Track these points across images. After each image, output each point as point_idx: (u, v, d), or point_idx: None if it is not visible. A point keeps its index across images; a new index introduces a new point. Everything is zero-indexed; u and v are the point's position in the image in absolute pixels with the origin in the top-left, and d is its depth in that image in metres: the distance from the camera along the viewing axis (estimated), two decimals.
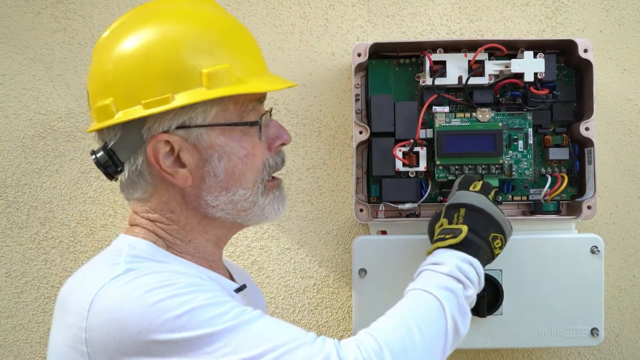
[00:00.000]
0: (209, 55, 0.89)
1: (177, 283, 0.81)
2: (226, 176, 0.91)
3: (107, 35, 0.93)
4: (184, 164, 0.90)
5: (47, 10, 1.42)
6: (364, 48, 1.29)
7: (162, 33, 0.89)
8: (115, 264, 0.86)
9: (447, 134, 1.27)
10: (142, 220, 0.94)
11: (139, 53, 0.88)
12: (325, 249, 1.42)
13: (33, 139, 1.42)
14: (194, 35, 0.90)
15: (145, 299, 0.78)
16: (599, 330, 1.26)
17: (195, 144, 0.90)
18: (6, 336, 1.42)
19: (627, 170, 1.41)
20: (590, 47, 1.27)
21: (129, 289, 0.80)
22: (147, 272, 0.83)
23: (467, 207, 1.06)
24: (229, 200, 0.92)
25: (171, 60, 0.88)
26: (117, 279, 0.82)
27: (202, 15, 0.93)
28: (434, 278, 0.97)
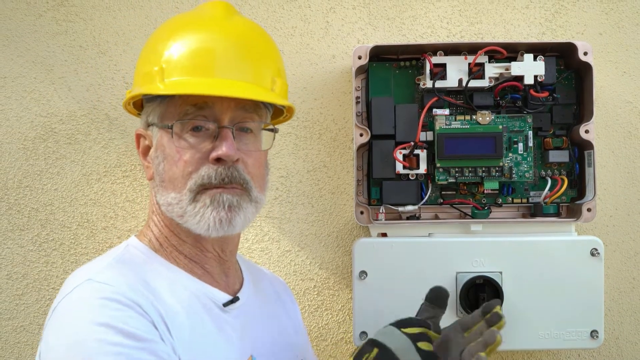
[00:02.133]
0: (152, 56, 0.95)
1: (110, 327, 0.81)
2: (165, 177, 0.93)
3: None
4: (148, 160, 0.97)
5: (48, 13, 1.42)
6: (365, 51, 1.29)
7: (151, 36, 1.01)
8: (92, 268, 0.91)
9: (447, 136, 1.27)
10: (152, 215, 0.99)
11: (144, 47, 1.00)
12: (325, 251, 1.42)
13: (34, 141, 1.42)
14: (159, 37, 0.98)
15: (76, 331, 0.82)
16: (599, 332, 1.26)
17: (156, 142, 0.96)
18: (7, 338, 1.42)
19: (626, 172, 1.41)
20: (590, 49, 1.27)
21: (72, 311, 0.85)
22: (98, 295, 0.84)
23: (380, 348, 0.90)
24: (167, 202, 0.93)
25: (141, 59, 0.98)
26: (75, 289, 0.86)
27: (176, 19, 1.02)
28: None
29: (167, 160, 0.93)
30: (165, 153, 0.93)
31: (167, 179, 0.93)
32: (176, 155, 0.92)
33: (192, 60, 0.92)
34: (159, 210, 0.96)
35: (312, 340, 1.42)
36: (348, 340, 1.42)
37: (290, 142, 1.42)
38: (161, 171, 0.93)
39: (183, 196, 0.91)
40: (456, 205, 1.34)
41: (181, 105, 0.92)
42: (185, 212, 0.91)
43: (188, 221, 0.92)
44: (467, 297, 1.25)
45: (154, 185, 0.96)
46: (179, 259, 0.96)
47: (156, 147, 0.95)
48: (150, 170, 0.96)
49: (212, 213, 0.90)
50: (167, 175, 0.93)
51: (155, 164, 0.94)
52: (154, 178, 0.95)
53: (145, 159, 0.98)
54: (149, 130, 0.97)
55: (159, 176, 0.94)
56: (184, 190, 0.91)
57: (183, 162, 0.91)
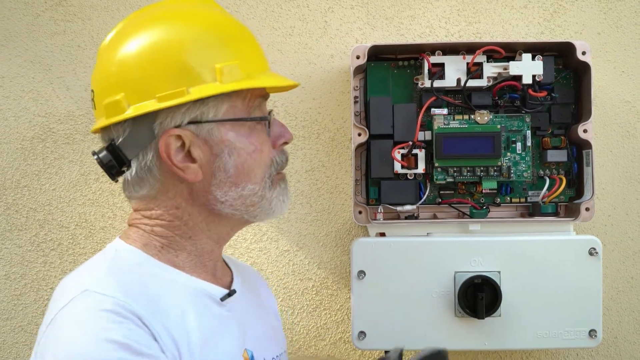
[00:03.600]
0: (219, 51, 0.91)
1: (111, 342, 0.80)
2: (236, 171, 0.92)
3: (113, 35, 0.94)
4: (195, 159, 0.90)
5: (46, 13, 1.42)
6: (363, 50, 1.29)
7: (173, 30, 0.91)
8: (86, 277, 0.89)
9: (445, 136, 1.27)
10: (141, 219, 0.94)
11: (150, 48, 0.90)
12: (324, 250, 1.42)
13: (32, 141, 1.42)
14: (203, 32, 0.92)
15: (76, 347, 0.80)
16: (597, 331, 1.26)
17: (207, 139, 0.90)
18: (5, 338, 1.42)
19: (625, 172, 1.41)
20: (588, 49, 1.27)
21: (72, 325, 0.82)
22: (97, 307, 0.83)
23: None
24: (238, 196, 0.93)
25: (185, 54, 0.89)
26: (72, 301, 0.84)
27: (208, 15, 0.96)
28: None
29: (238, 153, 0.91)
30: (235, 147, 0.91)
31: (240, 172, 0.92)
32: (251, 147, 0.92)
33: (258, 57, 0.96)
34: (188, 211, 0.93)
35: (310, 340, 1.42)
36: (346, 340, 1.42)
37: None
38: (229, 166, 0.91)
39: (263, 183, 0.94)
40: (454, 205, 1.34)
41: (251, 99, 0.93)
42: (263, 198, 0.94)
43: (261, 207, 0.95)
44: (466, 296, 1.25)
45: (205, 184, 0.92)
46: (187, 251, 0.95)
47: (214, 144, 0.90)
48: (199, 171, 0.91)
49: (287, 193, 0.99)
50: (240, 169, 0.92)
51: (220, 160, 0.91)
52: (213, 176, 0.91)
53: (182, 161, 0.90)
54: (186, 129, 0.89)
55: (226, 172, 0.91)
56: (265, 178, 0.94)
57: (262, 153, 0.94)
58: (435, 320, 1.26)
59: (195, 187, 0.92)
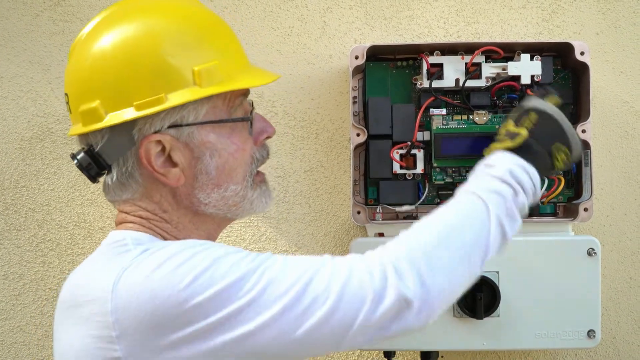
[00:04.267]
0: (197, 52, 0.87)
1: (195, 244, 0.83)
2: (217, 173, 0.91)
3: (87, 33, 0.90)
4: (176, 164, 0.89)
5: (45, 13, 1.42)
6: (362, 50, 1.29)
7: (147, 30, 0.87)
8: (126, 251, 0.85)
9: (444, 136, 1.27)
10: (134, 217, 0.92)
11: (124, 52, 0.86)
12: (322, 251, 1.42)
13: (31, 141, 1.42)
14: (180, 31, 0.88)
15: (169, 265, 0.79)
16: (596, 332, 1.26)
17: (187, 142, 0.88)
18: (4, 338, 1.42)
19: (623, 172, 1.41)
20: (586, 49, 1.28)
21: (150, 262, 0.80)
22: (164, 245, 0.84)
23: (538, 113, 1.00)
24: (220, 197, 0.92)
25: (161, 57, 0.86)
26: (136, 259, 0.81)
27: (184, 10, 0.91)
28: (483, 180, 0.94)
29: (220, 154, 0.90)
30: (217, 148, 0.90)
31: (222, 173, 0.91)
32: (233, 147, 0.91)
33: (237, 54, 0.94)
34: (176, 213, 0.92)
35: None
36: None
37: (287, 142, 1.42)
38: (211, 168, 0.90)
39: (245, 183, 0.94)
40: None
41: (231, 98, 0.92)
42: (245, 198, 0.94)
43: (243, 207, 0.94)
44: (464, 297, 1.25)
45: (187, 187, 0.90)
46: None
47: (195, 146, 0.89)
48: (180, 175, 0.89)
49: (268, 196, 0.98)
50: (222, 170, 0.91)
51: (202, 163, 0.89)
52: (195, 179, 0.90)
53: (163, 166, 0.88)
54: (167, 133, 0.87)
55: (208, 175, 0.90)
56: (246, 177, 0.94)
57: (244, 152, 0.93)
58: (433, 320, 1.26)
59: (179, 190, 0.91)
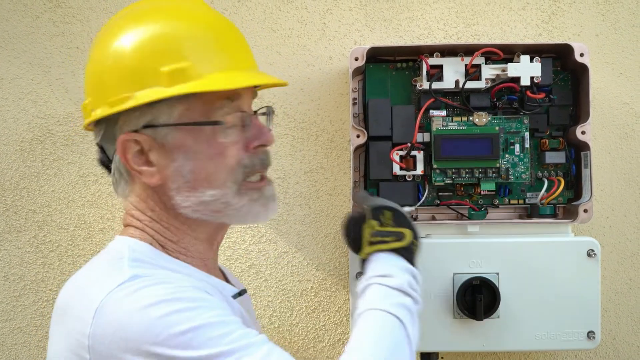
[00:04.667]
0: (167, 54, 0.88)
1: (184, 298, 0.81)
2: (193, 176, 0.89)
3: (94, 38, 0.97)
4: (152, 163, 0.90)
5: (45, 15, 1.42)
6: (362, 52, 1.29)
7: (122, 34, 0.90)
8: (119, 268, 0.85)
9: (444, 137, 1.28)
10: (134, 220, 0.93)
11: (105, 54, 0.91)
12: (322, 252, 1.42)
13: (31, 142, 1.42)
14: (153, 34, 0.89)
15: (151, 312, 0.78)
16: (596, 333, 1.27)
17: (164, 143, 0.89)
18: (4, 340, 1.42)
19: (623, 173, 1.41)
20: (586, 51, 1.28)
21: (135, 299, 0.79)
22: (153, 281, 0.82)
23: (392, 211, 1.01)
24: (199, 201, 0.90)
25: (130, 59, 0.89)
26: (122, 286, 0.81)
27: (165, 13, 0.92)
28: (387, 295, 0.91)
29: (196, 158, 0.89)
30: (193, 151, 0.89)
31: (199, 178, 0.89)
32: (212, 151, 0.89)
33: (222, 54, 0.91)
34: (165, 215, 0.92)
35: (309, 342, 1.43)
36: (345, 341, 1.42)
37: (287, 143, 1.42)
38: (187, 172, 0.89)
39: (227, 190, 0.90)
40: (453, 207, 1.35)
41: (212, 100, 0.89)
42: (228, 206, 0.90)
43: (229, 215, 0.91)
44: (464, 298, 1.25)
45: (166, 189, 0.91)
46: (183, 254, 0.93)
47: (172, 148, 0.89)
48: (154, 175, 0.90)
49: (262, 206, 0.93)
50: (199, 174, 0.89)
51: (175, 165, 0.89)
52: (170, 181, 0.90)
53: (140, 164, 0.90)
54: (143, 133, 0.89)
55: (183, 177, 0.89)
56: (228, 183, 0.90)
57: (225, 157, 0.90)
58: (433, 322, 1.26)
59: (161, 190, 0.91)
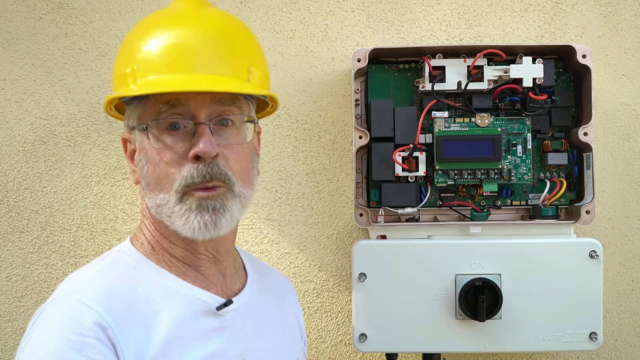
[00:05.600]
0: (128, 57, 0.93)
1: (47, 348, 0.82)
2: (151, 179, 0.91)
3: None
4: (134, 164, 0.96)
5: (48, 16, 1.42)
6: (364, 53, 1.29)
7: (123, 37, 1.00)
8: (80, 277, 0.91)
9: (446, 139, 1.28)
10: (142, 218, 0.99)
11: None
12: (325, 253, 1.42)
13: (34, 143, 1.42)
14: (130, 38, 0.96)
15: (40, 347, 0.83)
16: (598, 334, 1.27)
17: (139, 145, 0.94)
18: (7, 340, 1.43)
19: (625, 175, 1.41)
20: (588, 52, 1.28)
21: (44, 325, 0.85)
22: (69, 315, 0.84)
23: None
24: (156, 204, 0.91)
25: (115, 60, 0.97)
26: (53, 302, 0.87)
27: (154, 18, 0.99)
28: None
29: (150, 162, 0.91)
30: (148, 155, 0.91)
31: (152, 181, 0.91)
32: (157, 157, 0.90)
33: (162, 58, 0.90)
34: (149, 214, 0.95)
35: (311, 343, 1.42)
36: (347, 342, 1.43)
37: (290, 144, 1.42)
38: (146, 174, 0.92)
39: (170, 197, 0.89)
40: (455, 208, 1.35)
41: (154, 104, 0.90)
42: (173, 212, 0.90)
43: (175, 222, 0.90)
44: (466, 299, 1.25)
45: (141, 188, 0.95)
46: (171, 262, 0.94)
47: (139, 150, 0.93)
48: (136, 174, 0.95)
49: (196, 217, 0.89)
50: (152, 178, 0.91)
51: (140, 167, 0.93)
52: (140, 182, 0.94)
53: (132, 163, 0.96)
54: (132, 134, 0.95)
55: (144, 179, 0.92)
56: (171, 191, 0.89)
57: (164, 164, 0.89)
58: (436, 323, 1.26)
59: (141, 191, 0.96)
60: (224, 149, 0.91)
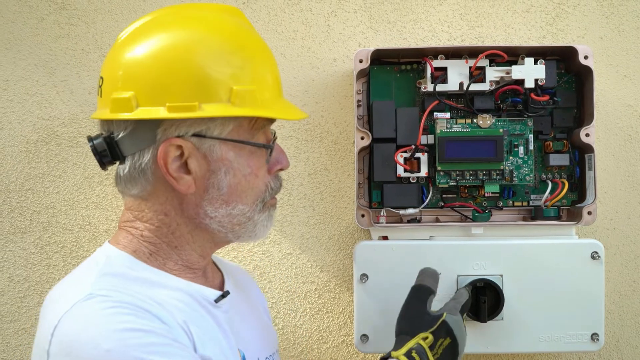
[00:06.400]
0: (239, 73, 0.90)
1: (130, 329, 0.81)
2: (229, 190, 0.92)
3: (134, 29, 0.92)
4: (190, 171, 0.90)
5: (50, 17, 1.43)
6: (366, 54, 1.29)
7: (199, 40, 0.90)
8: (83, 282, 0.87)
9: (448, 139, 1.28)
10: (132, 222, 0.94)
11: (173, 53, 0.88)
12: (326, 254, 1.42)
13: (36, 144, 1.43)
14: (227, 49, 0.91)
15: (99, 343, 0.79)
16: (600, 335, 1.27)
17: (206, 154, 0.90)
18: (9, 340, 1.43)
19: (627, 176, 1.41)
20: (590, 53, 1.28)
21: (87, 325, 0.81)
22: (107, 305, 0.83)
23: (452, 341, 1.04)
24: (227, 214, 0.93)
25: (205, 69, 0.88)
26: (77, 305, 0.83)
27: (235, 30, 0.94)
28: None
29: (234, 174, 0.92)
30: (233, 167, 0.91)
31: (234, 192, 0.92)
32: (248, 169, 0.93)
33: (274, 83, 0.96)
34: (177, 221, 0.93)
35: (312, 343, 1.43)
36: (349, 343, 1.43)
37: (292, 145, 1.42)
38: (224, 185, 0.91)
39: (254, 206, 0.94)
40: (457, 209, 1.35)
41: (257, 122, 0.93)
42: (250, 220, 0.95)
43: (249, 229, 0.95)
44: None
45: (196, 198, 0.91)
46: (173, 260, 0.95)
47: (212, 160, 0.90)
48: (192, 183, 0.90)
49: (269, 221, 0.98)
50: (234, 189, 0.92)
51: (215, 177, 0.91)
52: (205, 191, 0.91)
53: (176, 170, 0.90)
54: (189, 140, 0.89)
55: (219, 190, 0.91)
56: (256, 201, 0.94)
57: (257, 177, 0.94)
58: None
59: (187, 198, 0.92)
60: None
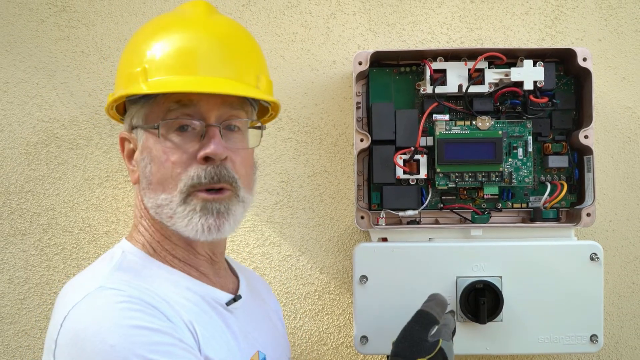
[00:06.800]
0: (137, 56, 0.93)
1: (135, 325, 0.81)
2: (152, 178, 0.92)
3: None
4: (134, 163, 0.96)
5: (50, 19, 1.43)
6: (365, 56, 1.30)
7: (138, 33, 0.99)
8: (96, 276, 0.89)
9: (447, 141, 1.28)
10: (135, 219, 0.98)
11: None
12: (326, 255, 1.43)
13: (36, 146, 1.43)
14: (145, 36, 0.96)
15: (105, 338, 0.79)
16: (599, 336, 1.27)
17: (141, 144, 0.94)
18: (9, 342, 1.43)
19: (626, 177, 1.42)
20: (589, 55, 1.28)
21: (95, 318, 0.82)
22: (117, 300, 0.83)
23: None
24: (156, 204, 0.92)
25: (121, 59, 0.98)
26: (87, 297, 0.84)
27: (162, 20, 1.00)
28: None
29: (154, 162, 0.91)
30: (152, 155, 0.91)
31: (155, 181, 0.91)
32: (163, 156, 0.90)
33: (175, 59, 0.91)
34: (147, 215, 0.95)
35: (312, 345, 1.43)
36: (349, 344, 1.43)
37: (291, 147, 1.42)
38: (148, 173, 0.92)
39: (174, 197, 0.90)
40: (456, 210, 1.35)
41: (164, 103, 0.91)
42: (175, 213, 0.90)
43: (176, 223, 0.91)
44: (467, 301, 1.25)
45: (140, 188, 0.94)
46: (174, 262, 0.96)
47: (142, 150, 0.93)
48: (135, 173, 0.95)
49: (200, 219, 0.90)
50: (155, 177, 0.91)
51: (142, 166, 0.93)
52: (140, 181, 0.94)
53: (130, 163, 0.96)
54: (133, 133, 0.95)
55: (146, 179, 0.92)
56: (175, 191, 0.90)
57: (171, 163, 0.90)
58: None
59: (138, 189, 0.96)
60: (232, 152, 0.92)
